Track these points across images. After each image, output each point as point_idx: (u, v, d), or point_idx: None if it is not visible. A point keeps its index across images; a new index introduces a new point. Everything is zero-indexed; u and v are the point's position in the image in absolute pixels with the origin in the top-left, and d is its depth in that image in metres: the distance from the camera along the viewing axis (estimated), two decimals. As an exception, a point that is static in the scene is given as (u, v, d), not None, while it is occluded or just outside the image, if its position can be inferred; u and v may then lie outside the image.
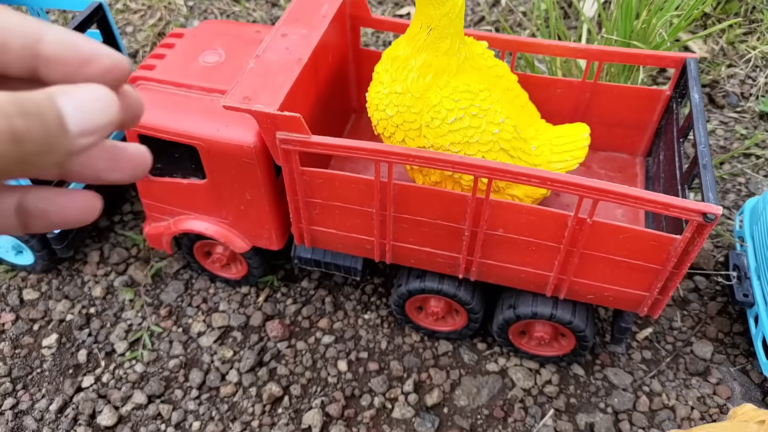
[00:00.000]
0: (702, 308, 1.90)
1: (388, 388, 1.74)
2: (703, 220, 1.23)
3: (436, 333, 1.81)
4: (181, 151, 1.60)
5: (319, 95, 1.67)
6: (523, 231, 1.44)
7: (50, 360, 1.82)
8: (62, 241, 1.86)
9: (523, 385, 1.73)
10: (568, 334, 1.65)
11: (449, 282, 1.65)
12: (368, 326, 1.87)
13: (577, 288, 1.52)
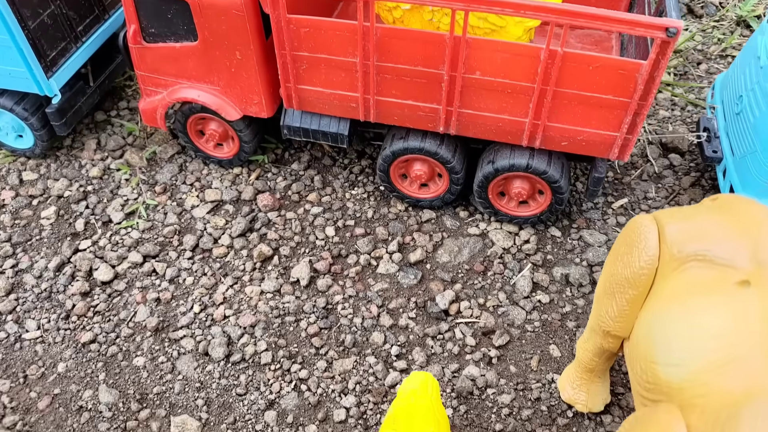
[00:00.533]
0: (676, 182, 1.98)
1: (374, 248, 1.82)
2: (666, 36, 1.30)
3: (420, 201, 1.88)
4: (174, 10, 1.67)
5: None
6: (498, 72, 1.51)
7: (48, 229, 1.89)
8: (61, 117, 1.93)
9: (503, 244, 1.81)
10: (545, 189, 1.73)
11: (431, 140, 1.73)
12: (355, 200, 1.95)
13: (551, 134, 1.60)
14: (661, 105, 2.26)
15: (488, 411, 1.47)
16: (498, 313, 1.66)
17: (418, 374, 1.30)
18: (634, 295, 1.12)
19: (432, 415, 1.21)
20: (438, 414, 1.22)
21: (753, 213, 1.02)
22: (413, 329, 1.63)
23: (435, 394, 1.28)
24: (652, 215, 1.15)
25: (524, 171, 1.68)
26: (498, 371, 1.55)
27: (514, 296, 1.69)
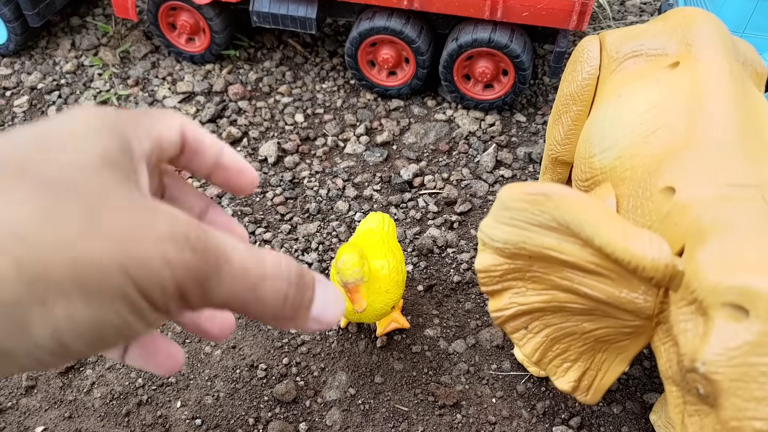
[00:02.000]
0: (641, 76, 2.01)
1: (341, 132, 1.84)
2: None
3: (388, 90, 1.91)
4: None
5: None
6: (458, -65, 1.54)
7: (21, 116, 1.91)
8: (33, 6, 1.94)
9: (469, 128, 1.84)
10: (508, 68, 1.76)
11: (397, 19, 1.76)
12: (325, 92, 1.98)
13: (512, 4, 1.63)
14: (629, 11, 2.29)
15: (447, 267, 1.51)
16: (461, 186, 1.69)
17: (375, 214, 1.33)
18: (579, 110, 1.16)
19: (386, 246, 1.24)
20: (392, 245, 1.26)
21: (686, 11, 1.05)
22: (377, 199, 1.66)
23: (391, 231, 1.31)
24: (596, 35, 1.18)
25: (487, 46, 1.71)
26: (459, 234, 1.58)
27: (478, 171, 1.72)
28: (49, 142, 0.39)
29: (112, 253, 0.34)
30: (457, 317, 1.40)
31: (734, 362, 0.66)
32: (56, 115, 0.42)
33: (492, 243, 0.87)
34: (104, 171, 0.39)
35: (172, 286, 0.37)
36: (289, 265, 0.44)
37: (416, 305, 1.43)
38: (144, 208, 0.38)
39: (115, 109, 0.46)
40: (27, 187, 0.34)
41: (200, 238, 0.39)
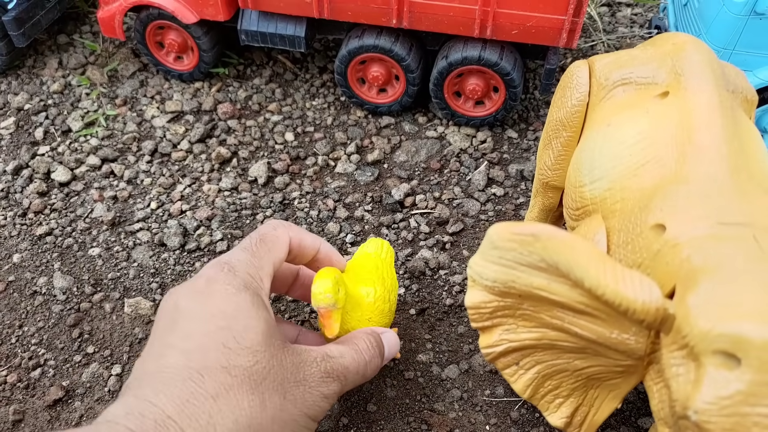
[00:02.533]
0: (633, 90, 2.00)
1: (332, 150, 1.83)
2: None
3: (379, 107, 1.90)
4: None
5: None
6: (446, -46, 1.53)
7: (8, 138, 1.89)
8: (19, 26, 1.92)
9: (460, 145, 1.83)
10: (499, 85, 1.75)
11: (386, 37, 1.74)
12: (315, 109, 1.96)
13: (502, 22, 1.62)
14: (620, 23, 2.28)
15: (440, 289, 1.49)
16: (453, 205, 1.68)
17: (375, 240, 1.31)
18: (569, 136, 1.15)
19: (378, 272, 1.22)
20: (385, 273, 1.24)
21: (676, 38, 1.04)
22: (369, 220, 1.65)
23: (388, 258, 1.29)
24: (585, 60, 1.17)
25: (477, 63, 1.70)
26: (451, 255, 1.57)
27: (469, 190, 1.71)
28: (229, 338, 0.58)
29: (299, 411, 0.58)
30: (450, 341, 1.39)
31: (726, 412, 0.65)
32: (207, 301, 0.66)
33: (481, 281, 0.86)
34: (273, 347, 0.61)
35: (328, 405, 0.67)
36: (374, 345, 0.81)
37: (408, 329, 1.41)
38: (299, 364, 0.63)
39: (235, 268, 0.71)
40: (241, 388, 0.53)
41: (334, 369, 0.68)
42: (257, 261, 0.71)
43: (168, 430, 0.44)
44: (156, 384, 0.49)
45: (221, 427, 0.48)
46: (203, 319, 0.57)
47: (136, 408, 0.47)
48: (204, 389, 0.50)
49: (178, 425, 0.45)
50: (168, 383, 0.49)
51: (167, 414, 0.46)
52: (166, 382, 0.49)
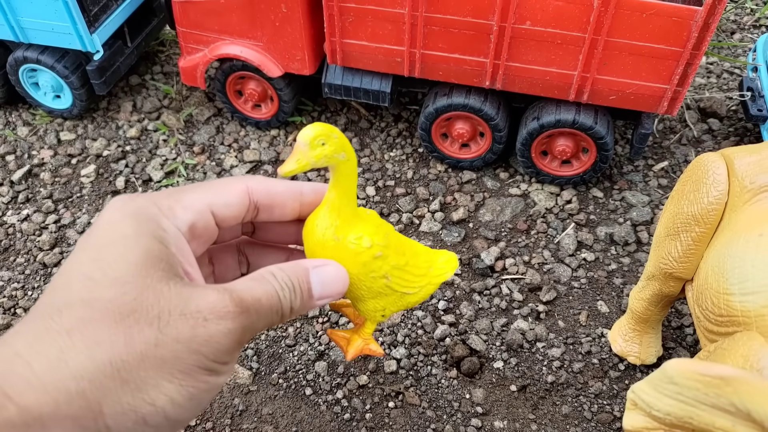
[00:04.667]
0: (716, 146, 1.97)
1: (415, 207, 1.81)
2: (724, -21, 1.29)
3: (460, 162, 1.88)
4: (218, -33, 1.67)
5: None
6: (549, 22, 1.51)
7: (89, 186, 1.89)
8: (101, 75, 1.92)
9: (545, 204, 1.80)
10: (590, 147, 1.72)
11: (475, 96, 1.72)
12: (394, 161, 1.94)
13: (600, 87, 1.59)
14: (696, 72, 2.25)
15: (539, 363, 1.47)
16: (543, 270, 1.66)
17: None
18: (702, 232, 1.12)
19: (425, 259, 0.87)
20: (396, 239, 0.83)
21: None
22: (459, 285, 1.63)
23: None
24: (719, 152, 1.14)
25: (570, 127, 1.67)
26: (547, 326, 1.54)
27: (559, 254, 1.69)
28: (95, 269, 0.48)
29: (185, 348, 0.45)
30: (555, 422, 1.37)
31: None
32: (90, 234, 0.53)
33: (649, 409, 0.83)
34: (150, 278, 0.49)
35: (233, 344, 0.50)
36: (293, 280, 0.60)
37: (511, 407, 1.39)
38: (189, 296, 0.49)
39: (138, 197, 0.56)
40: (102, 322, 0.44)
41: (236, 300, 0.52)
42: (177, 193, 0.59)
43: (14, 366, 0.41)
44: (17, 327, 0.46)
45: (74, 362, 0.42)
46: (77, 251, 0.52)
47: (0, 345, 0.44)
48: (59, 324, 0.44)
49: (25, 360, 0.42)
50: (27, 322, 0.46)
51: (16, 351, 0.42)
52: (26, 321, 0.46)
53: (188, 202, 0.59)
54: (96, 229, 0.53)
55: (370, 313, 0.81)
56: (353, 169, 0.69)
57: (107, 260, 0.49)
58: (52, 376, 0.41)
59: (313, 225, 0.69)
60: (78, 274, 0.49)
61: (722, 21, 2.45)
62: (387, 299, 0.78)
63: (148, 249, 0.51)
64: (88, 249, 0.51)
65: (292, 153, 0.66)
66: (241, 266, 0.74)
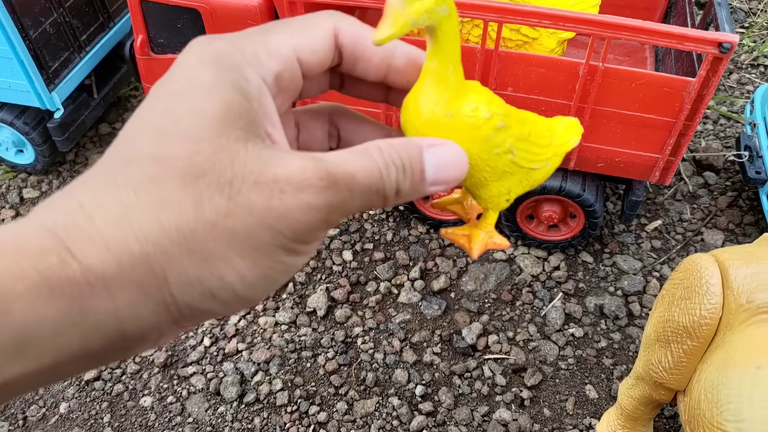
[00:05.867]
0: (712, 202, 1.87)
1: (394, 275, 1.71)
2: (718, 51, 1.19)
3: (443, 224, 1.77)
4: (185, 19, 1.57)
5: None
6: (532, 88, 1.40)
7: (50, 252, 1.79)
8: (63, 132, 1.82)
9: (531, 271, 1.70)
10: (577, 213, 1.62)
11: (456, 160, 1.62)
12: (374, 220, 1.84)
13: (588, 155, 1.49)
14: (693, 118, 2.14)
15: (521, 457, 1.37)
16: (529, 348, 1.55)
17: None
18: (694, 346, 1.01)
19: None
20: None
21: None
22: (439, 366, 1.52)
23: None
24: (712, 255, 1.04)
25: (557, 194, 1.57)
26: (531, 414, 1.44)
27: (546, 329, 1.58)
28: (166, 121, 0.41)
29: (259, 222, 0.39)
30: None
31: None
32: (164, 80, 0.43)
33: None
34: (227, 136, 0.41)
35: (315, 223, 0.41)
36: (402, 156, 0.47)
37: None
38: (268, 161, 0.41)
39: (220, 38, 0.43)
40: (171, 182, 0.39)
41: (330, 173, 0.42)
42: (262, 35, 0.48)
43: (77, 219, 0.37)
44: (83, 177, 0.41)
45: (138, 222, 0.38)
46: (150, 99, 0.44)
47: (55, 198, 0.40)
48: (124, 178, 0.40)
49: (87, 213, 0.37)
50: (92, 173, 0.40)
51: (80, 202, 0.38)
52: (92, 173, 0.41)
53: (275, 46, 0.48)
54: (170, 75, 0.45)
55: (494, 199, 0.68)
56: (456, 27, 0.54)
57: (180, 112, 0.43)
58: (114, 235, 0.37)
59: (417, 104, 0.57)
60: (148, 126, 0.43)
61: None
62: (512, 179, 0.63)
63: (227, 102, 0.44)
64: (161, 98, 0.44)
65: (383, 15, 0.51)
66: (330, 140, 0.60)
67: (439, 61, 0.56)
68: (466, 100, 0.57)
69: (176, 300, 0.39)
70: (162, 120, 0.42)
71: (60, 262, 0.35)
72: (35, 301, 0.34)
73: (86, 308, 0.35)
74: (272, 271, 0.42)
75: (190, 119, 0.42)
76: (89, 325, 0.36)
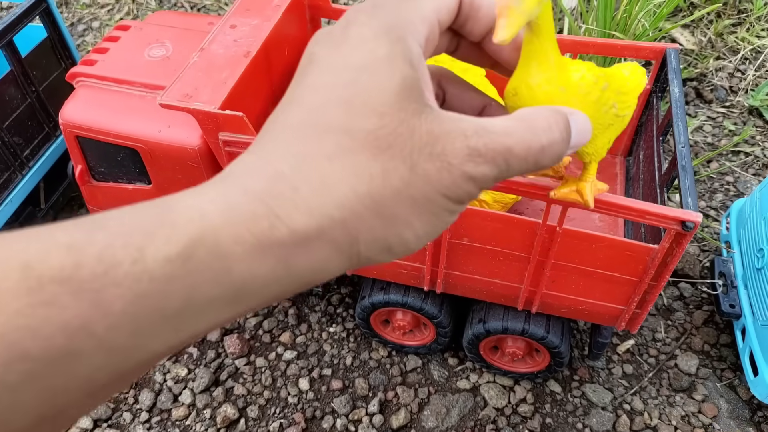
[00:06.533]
0: (687, 317, 1.79)
1: (352, 409, 1.62)
2: (681, 229, 1.11)
3: (405, 347, 1.69)
4: (123, 154, 1.48)
5: (274, 91, 1.55)
6: (489, 240, 1.32)
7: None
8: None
9: (496, 404, 1.62)
10: (542, 350, 1.54)
11: (415, 294, 1.54)
12: (333, 340, 1.76)
13: (550, 301, 1.41)
14: (670, 216, 2.06)
15: None
16: (490, 497, 1.47)
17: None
18: None
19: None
20: None
21: None
22: None
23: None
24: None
25: (520, 335, 1.49)
26: None
27: (509, 474, 1.50)
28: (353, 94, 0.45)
29: (433, 190, 0.46)
30: None
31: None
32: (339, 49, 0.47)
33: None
34: (405, 111, 0.46)
35: (475, 190, 0.47)
36: (559, 126, 0.51)
37: None
38: (439, 134, 0.46)
39: (383, 6, 0.49)
40: (362, 153, 0.44)
41: (489, 147, 0.47)
42: (413, 2, 0.52)
43: (281, 187, 0.42)
44: (273, 141, 0.46)
45: (336, 190, 0.43)
46: (331, 70, 0.48)
47: (252, 164, 0.44)
48: (319, 149, 0.44)
49: (290, 182, 0.42)
50: (284, 140, 0.45)
51: (281, 171, 0.43)
52: (283, 139, 0.45)
53: (424, 11, 0.52)
54: (346, 45, 0.49)
55: (599, 151, 0.77)
56: (550, 11, 0.59)
57: (365, 86, 0.47)
58: (317, 202, 0.42)
59: (529, 86, 0.61)
60: (335, 97, 0.47)
61: (698, 145, 2.27)
62: (612, 129, 0.74)
63: (403, 77, 0.48)
64: (341, 69, 0.48)
65: (498, 14, 0.54)
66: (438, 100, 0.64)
67: (541, 43, 0.60)
68: (571, 72, 0.65)
69: (360, 255, 0.44)
70: (348, 93, 0.46)
71: (270, 227, 0.39)
72: (251, 261, 0.38)
73: (290, 265, 0.40)
74: (437, 228, 0.48)
75: (376, 94, 0.46)
76: (290, 278, 0.41)
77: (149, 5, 3.03)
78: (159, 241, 0.36)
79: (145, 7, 3.02)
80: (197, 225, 0.38)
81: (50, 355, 0.32)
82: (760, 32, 2.58)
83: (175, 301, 0.36)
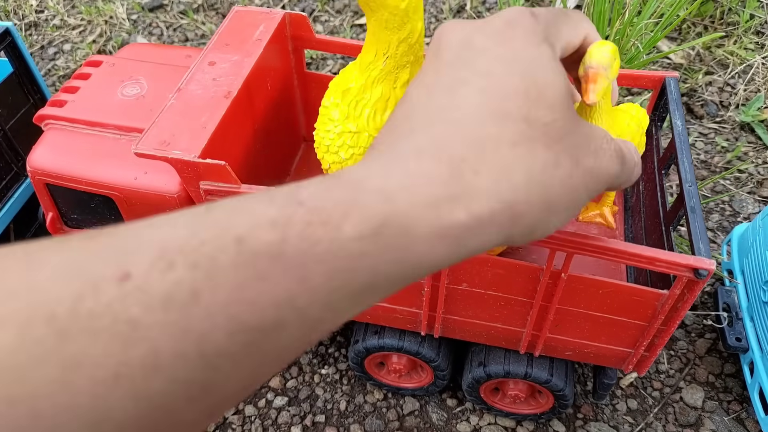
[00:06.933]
0: (690, 347, 1.74)
1: (348, 458, 1.55)
2: (693, 277, 1.05)
3: (401, 390, 1.62)
4: (97, 201, 1.39)
5: (257, 130, 1.47)
6: (489, 285, 1.25)
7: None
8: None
9: (498, 446, 1.55)
10: (545, 392, 1.47)
11: (411, 338, 1.47)
12: (325, 383, 1.68)
13: (554, 344, 1.34)
14: (667, 239, 2.02)
15: None
16: None
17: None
18: None
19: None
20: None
21: None
22: None
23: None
24: None
25: (522, 379, 1.42)
26: None
27: None
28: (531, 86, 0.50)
29: (589, 182, 0.52)
30: None
31: None
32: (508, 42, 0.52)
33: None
34: (570, 110, 0.52)
35: (607, 186, 0.56)
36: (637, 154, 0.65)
37: None
38: (590, 135, 0.54)
39: (538, 16, 0.54)
40: (539, 142, 0.48)
41: (620, 150, 0.57)
42: (559, 26, 0.58)
43: (462, 172, 0.43)
44: (448, 123, 0.46)
45: (514, 176, 0.45)
46: (504, 60, 0.50)
47: (428, 149, 0.45)
48: (503, 135, 0.46)
49: (472, 168, 0.43)
50: (462, 123, 0.46)
51: (461, 156, 0.44)
52: (459, 121, 0.46)
53: (562, 36, 0.58)
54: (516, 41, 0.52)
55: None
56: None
57: (541, 81, 0.50)
58: (495, 187, 0.45)
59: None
60: (514, 86, 0.48)
61: (694, 164, 2.23)
62: None
63: (565, 78, 0.52)
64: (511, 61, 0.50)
65: (590, 78, 0.67)
66: None
67: (606, 101, 0.83)
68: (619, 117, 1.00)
69: (513, 236, 0.47)
70: (525, 84, 0.48)
71: (450, 210, 0.42)
72: (431, 243, 0.42)
73: (461, 246, 0.43)
74: (569, 219, 0.52)
75: (549, 90, 0.49)
76: (458, 258, 0.45)
77: (123, 26, 2.92)
78: (354, 220, 0.39)
79: (119, 28, 2.91)
80: (386, 207, 0.40)
81: (264, 326, 0.35)
82: (748, 45, 2.55)
83: (363, 276, 0.39)
